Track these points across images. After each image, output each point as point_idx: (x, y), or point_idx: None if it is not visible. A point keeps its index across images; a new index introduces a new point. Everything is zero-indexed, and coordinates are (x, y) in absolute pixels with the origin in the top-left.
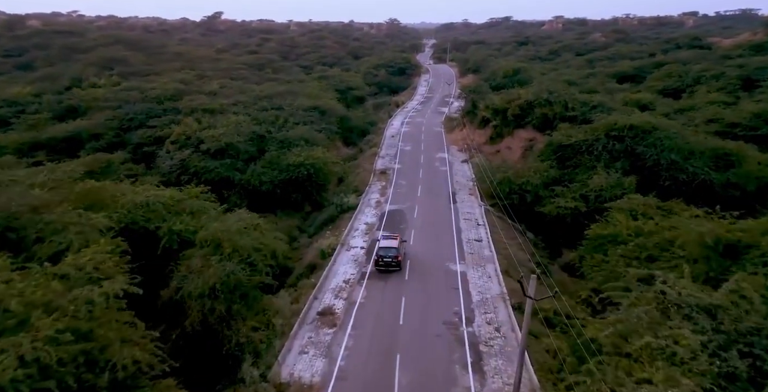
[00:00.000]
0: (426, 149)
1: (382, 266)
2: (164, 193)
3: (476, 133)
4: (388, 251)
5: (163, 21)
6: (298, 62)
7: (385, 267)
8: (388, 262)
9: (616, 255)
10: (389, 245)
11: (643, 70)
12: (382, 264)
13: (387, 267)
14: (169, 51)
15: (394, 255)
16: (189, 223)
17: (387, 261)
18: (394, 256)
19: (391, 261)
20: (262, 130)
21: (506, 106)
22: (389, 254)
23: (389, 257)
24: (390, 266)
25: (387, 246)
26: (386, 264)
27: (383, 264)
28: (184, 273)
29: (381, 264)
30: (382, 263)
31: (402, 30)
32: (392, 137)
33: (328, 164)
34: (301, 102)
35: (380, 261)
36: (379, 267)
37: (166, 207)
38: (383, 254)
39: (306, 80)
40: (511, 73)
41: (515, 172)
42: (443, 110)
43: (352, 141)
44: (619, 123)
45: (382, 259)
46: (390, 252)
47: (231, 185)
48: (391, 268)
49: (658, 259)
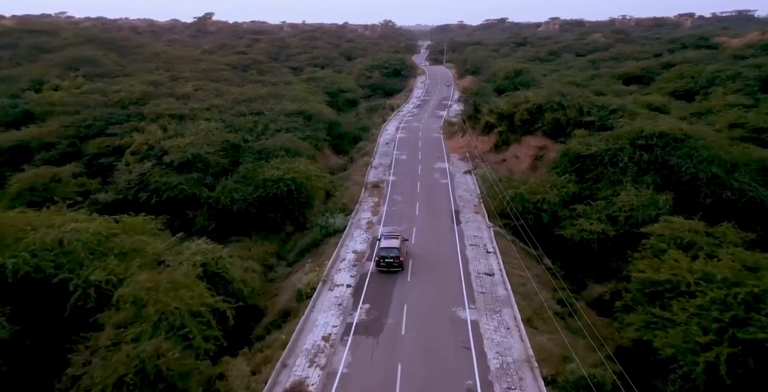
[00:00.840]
0: (424, 158)
1: (384, 267)
2: (88, 227)
3: (479, 139)
4: (390, 251)
5: (152, 22)
6: (288, 63)
7: (386, 268)
8: (390, 263)
9: (684, 315)
10: (391, 245)
11: (651, 71)
12: (383, 264)
13: (389, 267)
14: (147, 51)
15: (395, 255)
16: (115, 270)
17: (389, 261)
18: (395, 257)
19: (393, 262)
20: (237, 139)
21: (513, 110)
22: (391, 254)
23: (391, 257)
24: (392, 267)
25: (388, 247)
26: (388, 264)
27: (385, 264)
28: (83, 356)
29: (382, 264)
30: (384, 264)
31: (397, 31)
32: (386, 144)
33: (312, 178)
34: (285, 106)
35: (381, 262)
36: (381, 268)
37: (88, 246)
38: (384, 255)
39: (294, 82)
40: (512, 75)
41: (529, 188)
42: (441, 114)
43: (342, 148)
44: (646, 130)
45: (383, 260)
46: (392, 253)
47: (197, 204)
48: (393, 269)
49: (751, 325)
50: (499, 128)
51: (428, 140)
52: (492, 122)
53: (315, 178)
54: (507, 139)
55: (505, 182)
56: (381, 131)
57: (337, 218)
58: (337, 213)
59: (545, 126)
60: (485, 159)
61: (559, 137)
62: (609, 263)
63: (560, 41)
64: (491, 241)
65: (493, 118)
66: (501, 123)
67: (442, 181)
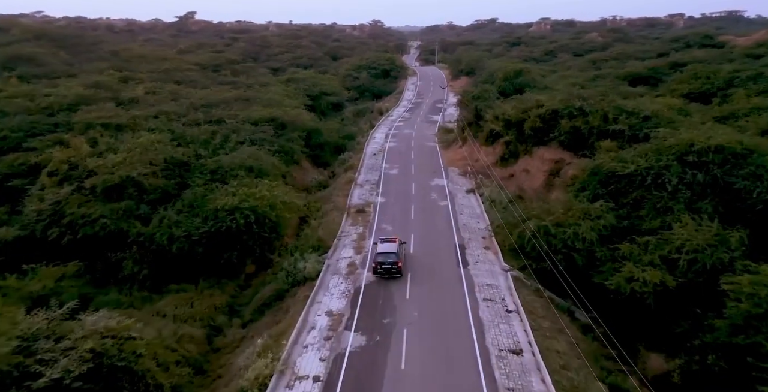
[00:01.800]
0: (418, 173)
1: (382, 273)
2: None
3: (482, 150)
4: (387, 256)
5: (132, 22)
6: (269, 63)
7: (384, 274)
8: (388, 269)
9: None
10: (388, 250)
11: (659, 72)
12: (381, 270)
13: (387, 274)
14: (105, 49)
15: (393, 260)
16: None
17: (386, 267)
18: (393, 262)
19: (391, 268)
20: (187, 155)
21: (522, 116)
22: (388, 260)
23: (389, 263)
24: (390, 273)
25: (386, 252)
26: (386, 271)
27: (382, 270)
28: None
29: (380, 270)
30: (381, 270)
31: (386, 31)
32: (374, 155)
33: (279, 207)
34: (253, 112)
35: (379, 269)
36: (378, 274)
37: None
38: (382, 260)
39: (271, 83)
40: (512, 75)
41: (556, 218)
42: (435, 119)
43: (324, 160)
44: (697, 143)
45: (380, 266)
46: (389, 258)
47: (126, 242)
48: (391, 275)
49: None
50: (505, 137)
51: (422, 150)
52: (497, 130)
53: (283, 206)
54: (515, 151)
55: (528, 212)
56: (368, 139)
57: (309, 260)
58: (309, 252)
59: (562, 136)
60: (490, 173)
61: (580, 149)
62: (673, 325)
63: (555, 41)
64: (511, 294)
65: (498, 125)
66: (508, 131)
67: (440, 203)
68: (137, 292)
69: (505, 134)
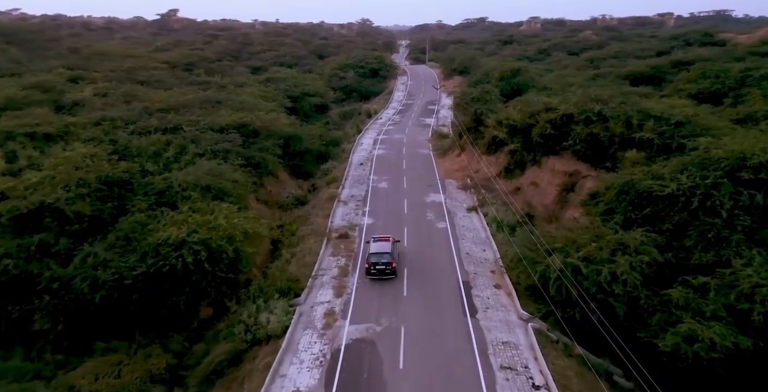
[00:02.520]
0: (411, 187)
1: (375, 274)
2: None
3: (483, 159)
4: (381, 257)
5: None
6: (251, 62)
7: (378, 276)
8: (382, 270)
9: None
10: (382, 250)
11: (662, 70)
12: (374, 272)
13: (381, 275)
14: (63, 46)
15: (387, 261)
16: None
17: (380, 268)
18: (387, 263)
19: (385, 269)
20: (131, 171)
21: (530, 121)
22: (382, 260)
23: (382, 264)
24: (384, 274)
25: (379, 252)
26: (380, 272)
27: (376, 272)
28: None
29: (374, 272)
30: (375, 271)
31: (375, 30)
32: (361, 165)
33: (239, 239)
34: (218, 118)
35: (372, 269)
36: (372, 275)
37: None
38: (375, 261)
39: (248, 84)
40: (508, 75)
41: (587, 253)
42: (428, 122)
43: (305, 169)
44: (752, 156)
45: (374, 267)
46: (383, 258)
47: (36, 290)
48: (386, 276)
49: None
50: (510, 146)
51: (415, 159)
52: (501, 138)
53: (245, 238)
54: (522, 160)
55: (540, 232)
56: (355, 146)
57: (275, 309)
58: (275, 297)
59: (578, 144)
60: (494, 187)
61: (599, 160)
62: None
63: (549, 39)
64: (535, 357)
65: (502, 132)
66: (513, 139)
67: (438, 224)
68: (50, 355)
69: (509, 142)
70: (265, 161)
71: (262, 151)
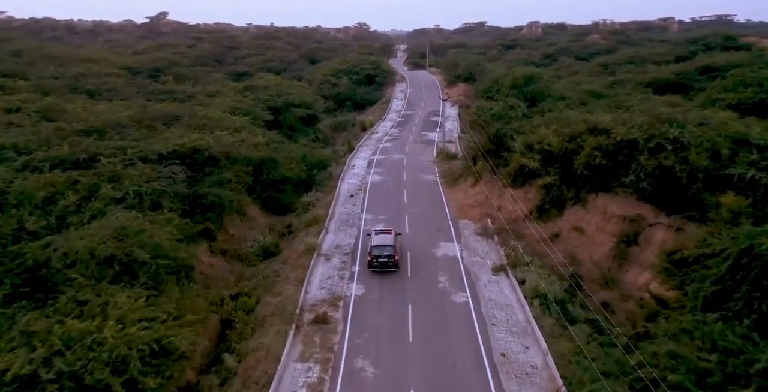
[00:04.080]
0: (415, 230)
1: (378, 267)
2: None
3: (508, 193)
4: (383, 250)
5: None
6: (235, 67)
7: (381, 269)
8: (384, 263)
9: None
10: (384, 242)
11: (688, 77)
12: (377, 264)
13: (383, 267)
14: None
15: (390, 253)
16: None
17: (382, 261)
18: (390, 255)
19: (387, 261)
20: None
21: (570, 146)
22: (384, 253)
23: (385, 256)
24: (386, 267)
25: (381, 244)
26: (382, 264)
27: (378, 264)
28: None
29: (376, 264)
30: (377, 263)
31: (372, 34)
32: (351, 197)
33: (134, 365)
34: (161, 142)
35: (374, 262)
36: (374, 268)
37: None
38: (378, 253)
39: (223, 93)
40: (521, 82)
41: None
42: (431, 137)
43: (282, 201)
44: None
45: (376, 259)
46: (385, 251)
47: None
48: (388, 269)
49: None
50: (545, 178)
51: (418, 188)
52: (532, 167)
53: (149, 359)
54: (560, 198)
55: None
56: (345, 169)
57: None
58: None
59: (643, 181)
60: (523, 232)
61: (672, 203)
62: None
63: (554, 43)
64: None
65: (533, 159)
66: (549, 169)
67: (455, 296)
68: None
69: (543, 173)
70: (223, 200)
71: (220, 185)
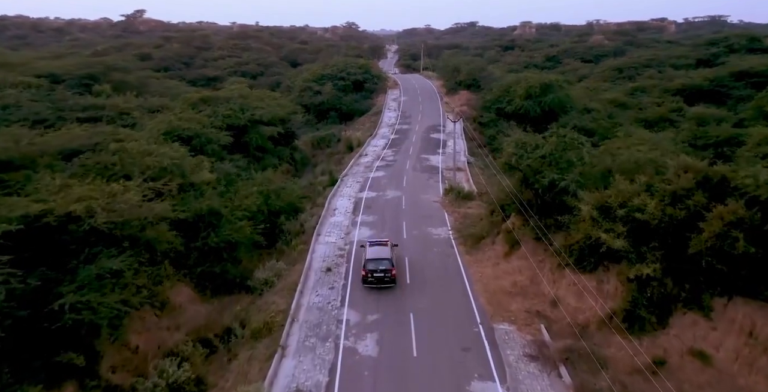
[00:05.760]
0: (424, 350)
1: (373, 282)
2: None
3: (569, 276)
4: (379, 263)
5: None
6: (205, 71)
7: (376, 284)
8: (380, 278)
9: None
10: (380, 256)
11: (723, 84)
12: (372, 279)
13: (379, 283)
14: None
15: (386, 267)
16: None
17: (378, 276)
18: (386, 269)
19: (384, 277)
20: None
21: (676, 213)
22: (380, 267)
23: (381, 271)
24: (383, 282)
25: (377, 258)
26: (378, 280)
27: (374, 280)
28: None
29: (371, 279)
30: (372, 278)
31: (361, 34)
32: (328, 273)
33: None
34: (4, 208)
35: (369, 277)
36: (370, 284)
37: None
38: (373, 267)
39: (169, 108)
40: (537, 92)
41: None
42: (434, 162)
43: (228, 276)
44: None
45: (371, 274)
46: (381, 265)
47: None
48: (384, 285)
49: None
50: (638, 267)
51: (425, 257)
52: (612, 246)
53: None
54: (664, 298)
55: None
56: (323, 216)
57: None
58: None
59: None
60: (600, 353)
61: None
62: None
63: (556, 44)
64: None
65: (614, 234)
66: (643, 250)
67: None
68: None
69: (633, 256)
70: (99, 316)
71: (99, 289)
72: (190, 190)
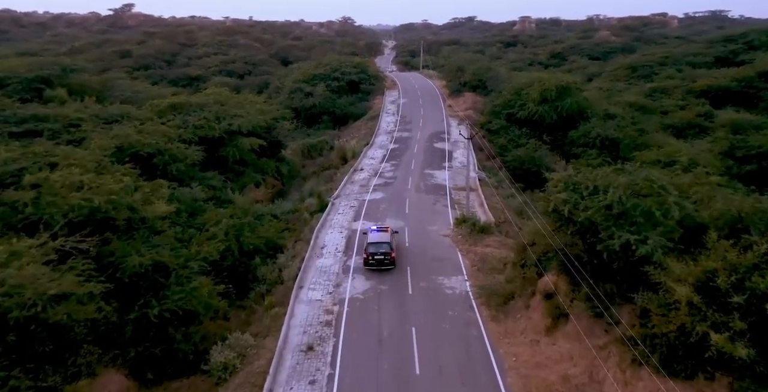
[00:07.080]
0: None
1: (374, 264)
2: None
3: (654, 381)
4: (380, 247)
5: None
6: (187, 70)
7: (377, 266)
8: (380, 260)
9: None
10: (381, 240)
11: (752, 85)
12: (373, 261)
13: (379, 265)
14: None
15: (386, 250)
16: None
17: (379, 258)
18: (386, 253)
19: (384, 259)
20: None
21: None
22: (381, 250)
23: (381, 253)
24: (383, 264)
25: (378, 241)
26: (378, 262)
27: (374, 262)
28: None
29: (372, 261)
30: (373, 261)
31: (357, 29)
32: (308, 353)
33: None
34: None
35: (370, 259)
36: (370, 266)
37: None
38: (374, 250)
39: (132, 117)
40: (553, 95)
41: None
42: (440, 179)
43: (178, 355)
44: None
45: (372, 257)
46: (382, 248)
47: None
48: (384, 267)
49: None
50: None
51: (437, 326)
52: (715, 344)
53: None
54: None
55: None
56: (307, 259)
57: None
58: None
59: None
60: None
61: None
62: None
63: (560, 40)
64: None
65: (725, 340)
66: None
67: None
68: None
69: (762, 372)
70: None
71: None
72: (140, 226)
